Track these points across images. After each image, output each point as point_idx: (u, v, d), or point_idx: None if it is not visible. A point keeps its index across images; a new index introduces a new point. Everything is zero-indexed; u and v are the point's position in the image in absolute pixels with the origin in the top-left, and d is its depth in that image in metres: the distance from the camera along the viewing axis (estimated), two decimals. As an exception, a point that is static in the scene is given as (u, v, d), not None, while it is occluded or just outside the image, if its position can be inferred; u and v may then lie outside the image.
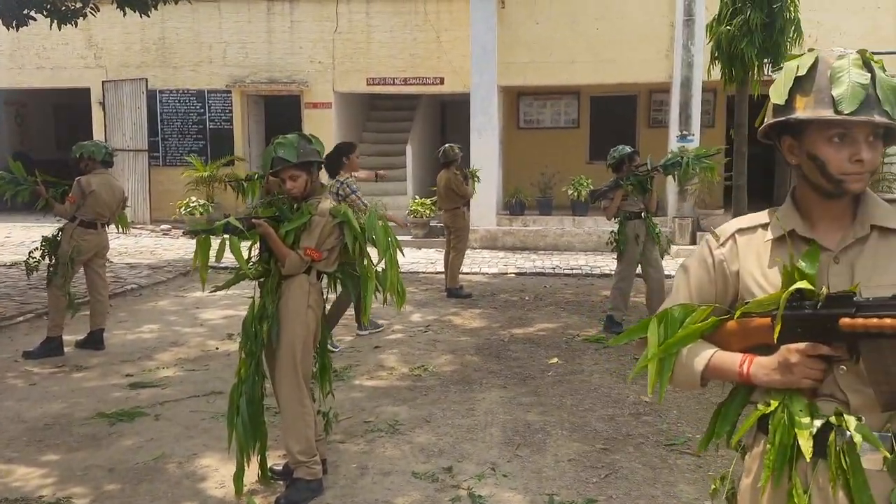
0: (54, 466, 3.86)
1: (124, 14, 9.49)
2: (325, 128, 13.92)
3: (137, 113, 14.09)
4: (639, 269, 6.78)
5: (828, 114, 1.42)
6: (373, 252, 3.54)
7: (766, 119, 1.56)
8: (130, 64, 14.36)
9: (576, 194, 12.15)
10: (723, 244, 1.59)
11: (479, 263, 10.57)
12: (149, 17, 9.69)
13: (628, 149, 6.75)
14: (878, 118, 1.40)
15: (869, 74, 1.43)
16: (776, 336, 1.41)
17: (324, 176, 4.50)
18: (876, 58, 1.47)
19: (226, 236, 3.22)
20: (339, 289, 3.76)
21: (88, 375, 5.52)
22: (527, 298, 8.30)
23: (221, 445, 4.03)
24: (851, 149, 1.44)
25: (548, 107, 14.52)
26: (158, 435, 4.30)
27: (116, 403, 4.84)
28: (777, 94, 1.50)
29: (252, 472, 3.57)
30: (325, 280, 3.59)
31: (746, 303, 1.50)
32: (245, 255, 3.47)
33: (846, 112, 1.41)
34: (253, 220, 3.30)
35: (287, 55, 13.93)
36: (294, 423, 3.40)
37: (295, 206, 3.45)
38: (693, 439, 4.15)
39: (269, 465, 3.64)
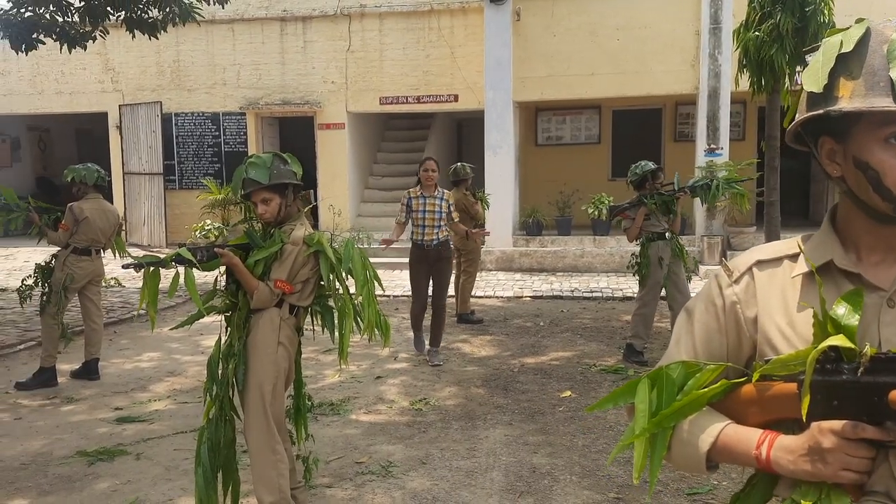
0: (17, 515, 3.57)
1: (133, 36, 9.39)
2: (338, 148, 13.74)
3: (152, 136, 14.03)
4: (663, 293, 6.34)
5: (885, 104, 1.04)
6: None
7: (797, 114, 1.16)
8: (146, 87, 14.33)
9: (596, 213, 11.71)
10: (736, 281, 1.20)
11: (494, 286, 10.18)
12: (157, 38, 9.58)
13: (651, 165, 6.34)
14: None
15: None
16: (804, 409, 1.03)
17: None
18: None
19: (179, 269, 2.91)
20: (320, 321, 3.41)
21: (77, 409, 5.25)
22: (541, 324, 7.90)
23: (199, 491, 3.71)
24: None
25: (567, 122, 14.15)
26: (136, 476, 4.00)
27: (99, 440, 4.56)
28: (813, 79, 1.10)
29: (225, 524, 3.23)
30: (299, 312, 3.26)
31: (767, 360, 1.12)
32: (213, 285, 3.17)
33: None
34: (216, 250, 2.99)
35: (300, 76, 13.79)
36: (265, 472, 3.06)
37: (268, 232, 3.14)
38: (719, 487, 3.72)
39: (243, 517, 3.30)
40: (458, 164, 8.10)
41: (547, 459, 4.13)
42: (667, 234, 6.21)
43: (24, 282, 5.86)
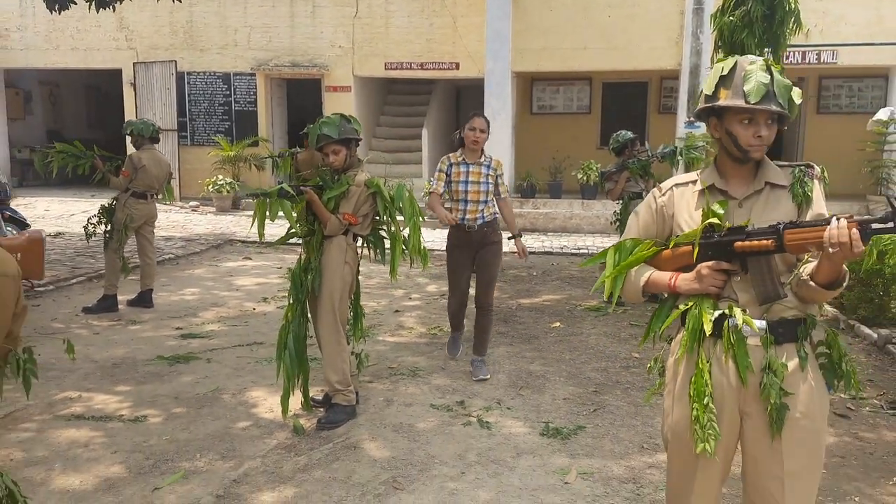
0: (127, 395, 4.56)
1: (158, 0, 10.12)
2: (344, 110, 14.36)
3: (167, 94, 14.77)
4: None
5: (741, 103, 1.99)
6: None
7: (699, 104, 2.14)
8: (159, 46, 15.01)
9: (585, 178, 12.70)
10: (664, 194, 2.19)
11: (491, 240, 11.16)
12: (180, 1, 10.31)
13: (630, 134, 7.33)
14: (774, 107, 1.97)
15: (770, 76, 2.00)
16: (695, 257, 2.03)
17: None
18: (774, 62, 2.06)
19: (277, 200, 3.84)
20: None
21: (143, 328, 6.22)
22: (534, 274, 8.92)
23: (267, 382, 4.74)
24: (755, 128, 2.01)
25: (560, 92, 15.06)
26: (212, 374, 4.99)
27: (171, 350, 5.53)
28: (707, 86, 2.08)
29: (296, 401, 4.23)
30: (359, 241, 4.24)
31: (677, 236, 2.11)
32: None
33: (753, 102, 1.97)
34: (301, 188, 3.94)
35: (309, 40, 14.54)
36: (333, 358, 4.06)
37: (336, 176, 4.08)
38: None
39: (310, 396, 4.30)
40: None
41: (540, 367, 5.17)
42: (643, 194, 7.22)
43: (90, 221, 6.76)
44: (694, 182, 2.16)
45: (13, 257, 1.63)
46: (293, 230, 4.01)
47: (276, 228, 4.21)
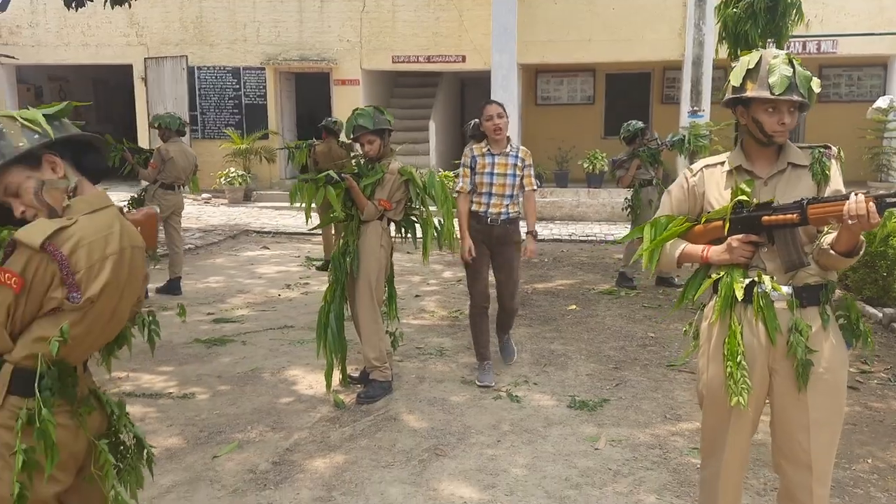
0: (172, 375, 4.81)
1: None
2: (353, 103, 14.63)
3: (178, 88, 14.95)
4: None
5: (766, 94, 2.22)
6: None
7: (726, 94, 2.38)
8: (170, 42, 15.19)
9: (591, 168, 12.93)
10: (695, 175, 2.43)
11: (501, 229, 11.40)
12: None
13: (640, 124, 7.57)
14: (796, 97, 2.21)
15: (792, 69, 2.24)
16: (725, 231, 2.27)
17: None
18: (796, 56, 2.30)
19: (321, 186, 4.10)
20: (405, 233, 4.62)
21: (175, 313, 6.44)
22: (546, 260, 9.16)
23: (303, 362, 4.99)
24: (779, 116, 2.25)
25: (564, 84, 15.26)
26: (249, 355, 5.23)
27: (207, 333, 5.77)
28: (735, 78, 2.32)
29: (334, 378, 4.48)
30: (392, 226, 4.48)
31: (708, 213, 2.36)
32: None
33: (777, 93, 2.21)
34: (342, 175, 4.17)
35: (317, 34, 14.72)
36: (370, 336, 4.31)
37: (370, 165, 4.32)
38: (691, 363, 5.02)
39: (347, 373, 4.55)
40: (476, 120, 9.18)
41: (561, 346, 5.42)
42: (653, 181, 7.46)
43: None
44: (722, 163, 2.40)
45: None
46: (335, 213, 4.24)
47: (290, 220, 4.46)
